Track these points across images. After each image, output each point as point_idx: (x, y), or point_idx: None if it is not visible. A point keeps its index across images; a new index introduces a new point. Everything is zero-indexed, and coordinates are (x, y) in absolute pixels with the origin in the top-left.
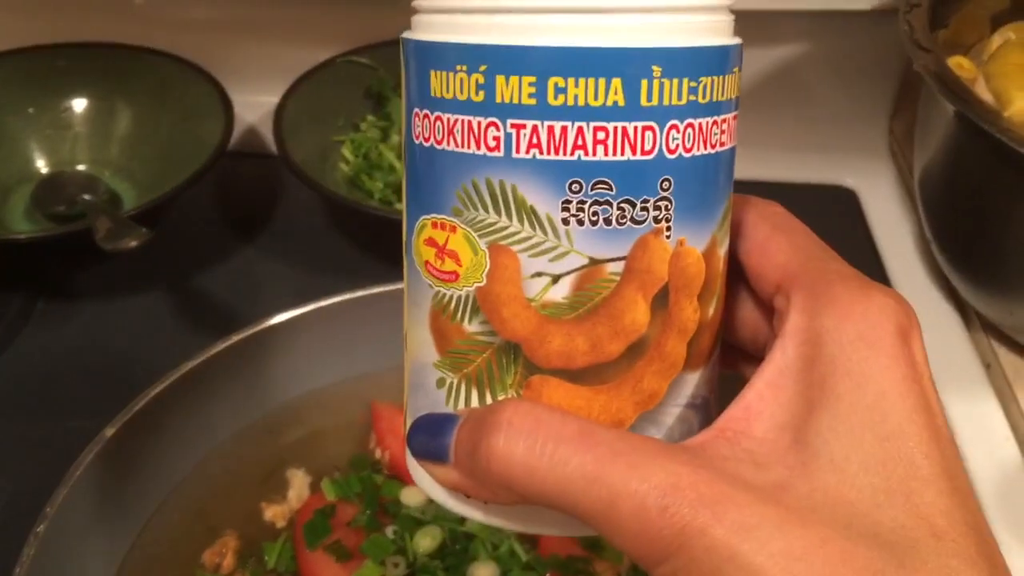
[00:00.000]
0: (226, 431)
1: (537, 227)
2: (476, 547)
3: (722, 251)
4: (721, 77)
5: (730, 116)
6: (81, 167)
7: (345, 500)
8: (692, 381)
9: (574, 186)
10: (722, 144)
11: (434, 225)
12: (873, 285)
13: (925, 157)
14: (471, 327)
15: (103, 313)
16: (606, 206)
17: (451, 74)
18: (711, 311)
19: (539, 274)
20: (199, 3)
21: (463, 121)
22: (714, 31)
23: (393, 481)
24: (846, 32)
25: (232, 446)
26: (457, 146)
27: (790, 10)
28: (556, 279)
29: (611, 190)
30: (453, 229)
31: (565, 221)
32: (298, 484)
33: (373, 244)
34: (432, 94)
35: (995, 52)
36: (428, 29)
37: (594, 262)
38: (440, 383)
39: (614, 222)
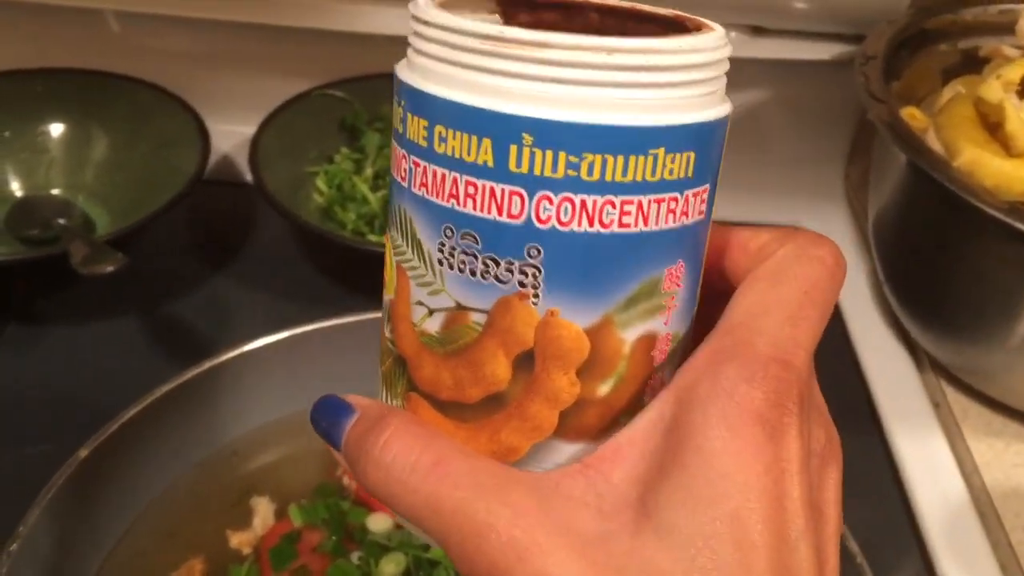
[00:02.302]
0: (194, 456)
1: (421, 260)
2: (440, 574)
3: (628, 334)
4: (623, 157)
5: (648, 199)
6: (56, 191)
7: (311, 526)
8: (568, 451)
9: (447, 231)
10: (627, 225)
11: (384, 236)
12: (770, 374)
13: (879, 202)
14: (387, 332)
15: (73, 338)
16: (472, 257)
17: (394, 103)
18: (605, 390)
19: (420, 303)
20: (177, 33)
21: (394, 149)
22: (619, 108)
23: (359, 508)
24: (805, 80)
25: (200, 471)
26: (393, 172)
27: (751, 58)
28: (431, 312)
29: (477, 243)
30: (384, 244)
31: (440, 262)
32: (263, 511)
33: (345, 274)
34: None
35: (945, 105)
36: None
37: (460, 307)
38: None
39: (479, 275)
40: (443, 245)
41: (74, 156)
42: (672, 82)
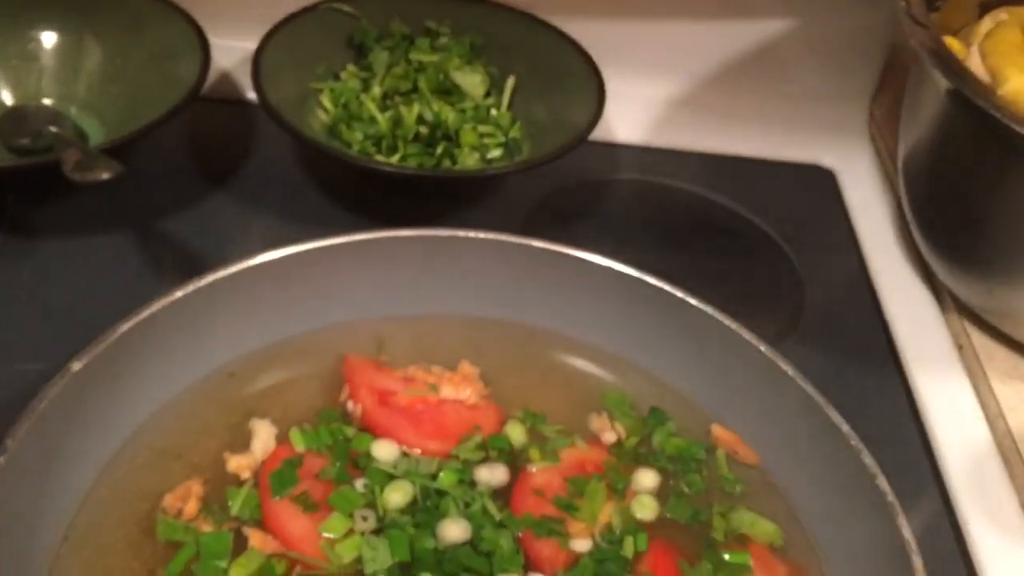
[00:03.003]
0: (190, 376)
1: None
2: (447, 504)
3: None
4: None
5: None
6: (47, 101)
7: (314, 452)
8: None
9: None
10: None
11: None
12: None
13: (911, 137)
14: None
15: (66, 252)
16: None
17: None
18: None
19: None
20: None
21: None
22: None
23: (364, 435)
24: (831, 11)
25: (195, 392)
26: None
27: None
28: None
29: None
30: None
31: None
32: (263, 434)
33: (349, 195)
34: None
35: (991, 31)
36: None
37: None
38: None
39: None
40: None
41: (67, 66)
42: None
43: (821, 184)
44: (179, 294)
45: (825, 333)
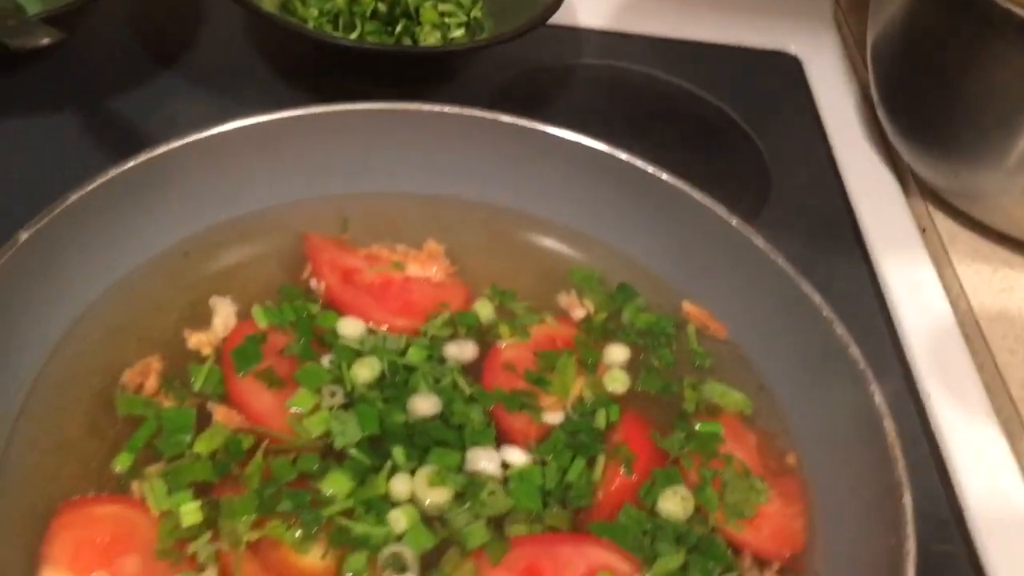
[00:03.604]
0: (144, 252)
1: None
2: (416, 379)
3: None
4: None
5: None
6: None
7: (277, 328)
8: None
9: None
10: None
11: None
12: None
13: (882, 17)
14: None
15: (7, 130)
16: None
17: None
18: None
19: None
20: None
21: None
22: None
23: (329, 312)
24: None
25: (149, 269)
26: None
27: None
28: None
29: None
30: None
31: None
32: (223, 312)
33: (303, 76)
34: None
35: None
36: None
37: None
38: None
39: None
40: None
41: None
42: None
43: (787, 71)
44: (130, 164)
45: (791, 217)
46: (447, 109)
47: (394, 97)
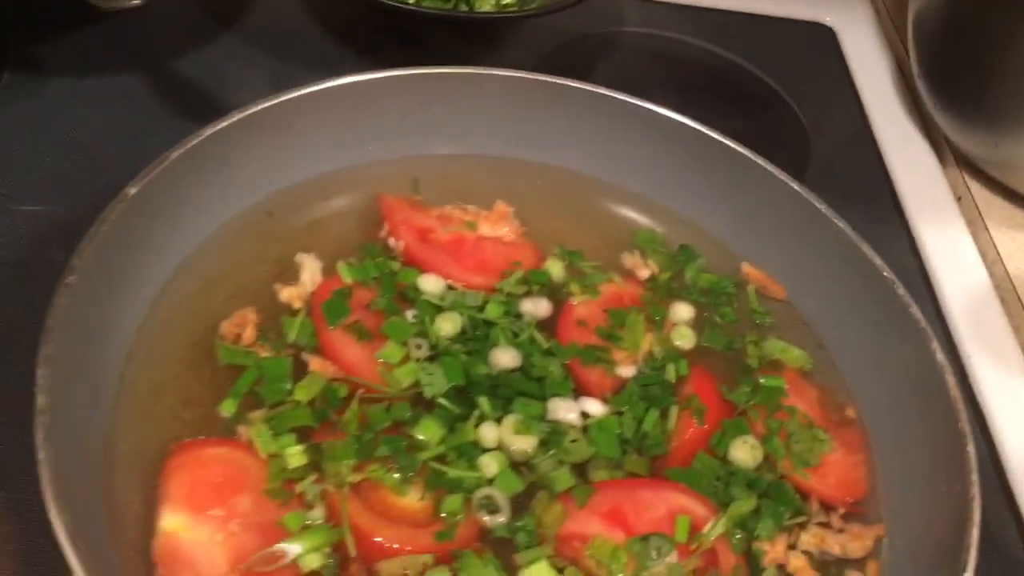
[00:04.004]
0: (230, 210)
1: None
2: (496, 334)
3: None
4: None
5: None
6: None
7: (361, 284)
8: None
9: None
10: None
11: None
12: None
13: None
14: None
15: (75, 90)
16: None
17: None
18: None
19: None
20: None
21: None
22: None
23: (410, 269)
24: None
25: (236, 226)
26: None
27: None
28: None
29: None
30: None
31: None
32: (310, 267)
33: (358, 41)
34: None
35: None
36: None
37: None
38: None
39: None
40: None
41: None
42: None
43: (822, 41)
44: (223, 124)
45: (831, 183)
46: (519, 74)
47: (445, 61)
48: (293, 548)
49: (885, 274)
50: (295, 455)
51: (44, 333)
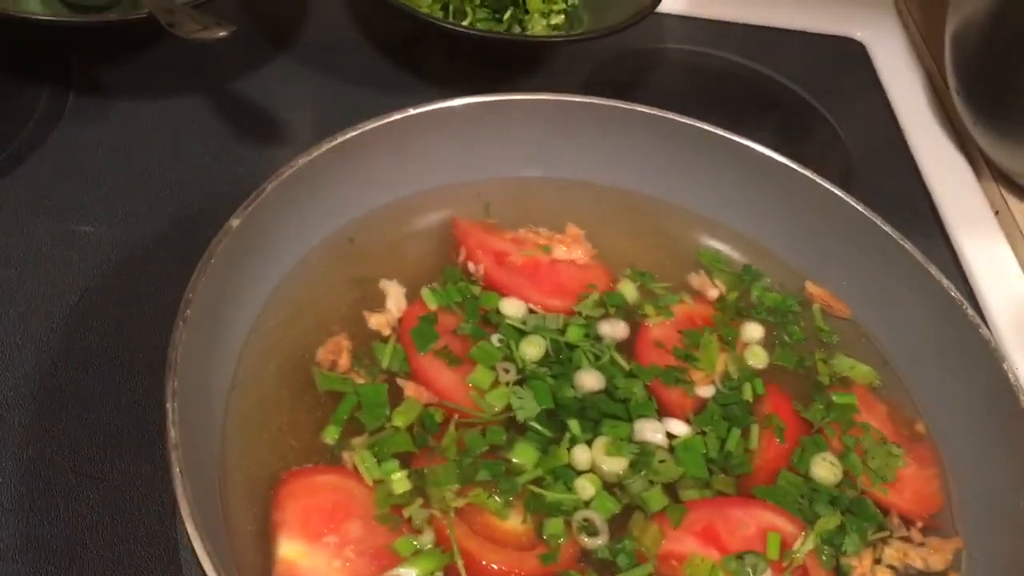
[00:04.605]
0: (315, 238)
1: None
2: (579, 357)
3: None
4: None
5: None
6: None
7: (445, 309)
8: None
9: None
10: None
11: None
12: None
13: (963, 6)
14: None
15: (139, 114)
16: None
17: None
18: None
19: None
20: None
21: None
22: None
23: (491, 293)
24: None
25: (321, 253)
26: None
27: None
28: None
29: None
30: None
31: None
32: (394, 294)
33: (409, 60)
34: None
35: None
36: None
37: None
38: None
39: None
40: None
41: None
42: None
43: (853, 56)
44: (315, 154)
45: (872, 198)
46: (586, 99)
47: (493, 79)
48: (408, 573)
49: (952, 294)
50: (400, 481)
51: (168, 368)
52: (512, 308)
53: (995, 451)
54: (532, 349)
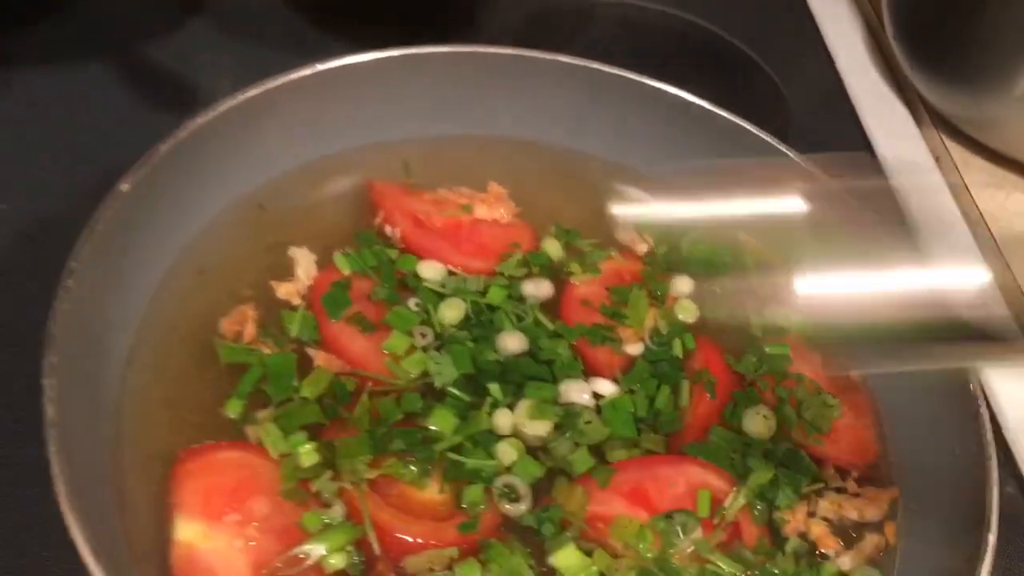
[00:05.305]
0: (221, 203)
1: None
2: (500, 318)
3: None
4: None
5: None
6: None
7: (359, 274)
8: None
9: None
10: None
11: None
12: None
13: None
14: None
15: (45, 83)
16: None
17: None
18: None
19: None
20: None
21: None
22: None
23: (408, 256)
24: None
25: (228, 219)
26: None
27: None
28: None
29: None
30: None
31: None
32: (304, 261)
33: (325, 19)
34: None
35: None
36: None
37: None
38: None
39: None
40: None
41: None
42: None
43: (790, 3)
44: (211, 115)
45: (813, 148)
46: (503, 50)
47: (413, 39)
48: (316, 549)
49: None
50: (308, 453)
51: (47, 341)
52: (431, 271)
53: (931, 398)
54: (451, 312)
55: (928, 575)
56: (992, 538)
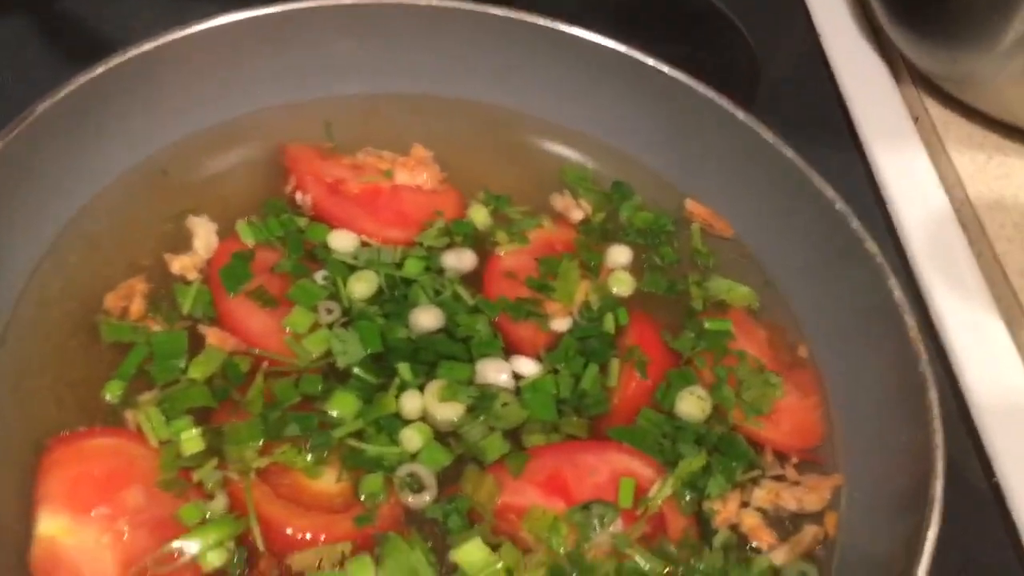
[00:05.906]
0: (119, 167)
1: None
2: (416, 292)
3: None
4: None
5: None
6: None
7: (265, 245)
8: None
9: None
10: None
11: None
12: None
13: None
14: None
15: None
16: None
17: None
18: None
19: None
20: None
21: None
22: None
23: (319, 225)
24: None
25: (126, 184)
26: None
27: None
28: None
29: None
30: None
31: None
32: (203, 232)
33: None
34: None
35: None
36: None
37: None
38: None
39: None
40: None
41: None
42: None
43: None
44: (100, 69)
45: (782, 108)
46: (433, 2)
47: None
48: (191, 545)
49: (837, 206)
50: (191, 440)
51: None
52: (342, 241)
53: (880, 381)
54: (362, 286)
55: (868, 569)
56: (933, 533)
